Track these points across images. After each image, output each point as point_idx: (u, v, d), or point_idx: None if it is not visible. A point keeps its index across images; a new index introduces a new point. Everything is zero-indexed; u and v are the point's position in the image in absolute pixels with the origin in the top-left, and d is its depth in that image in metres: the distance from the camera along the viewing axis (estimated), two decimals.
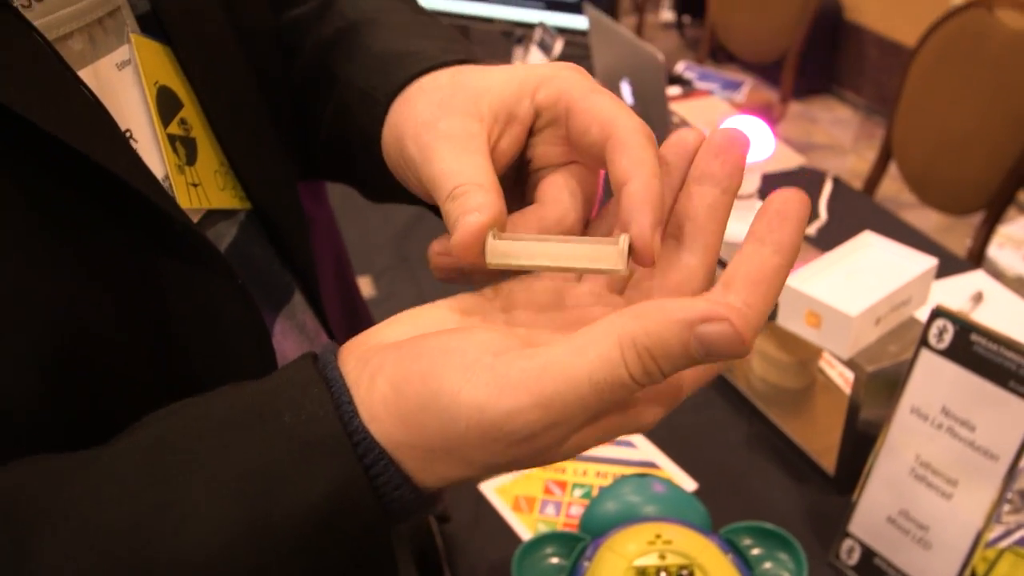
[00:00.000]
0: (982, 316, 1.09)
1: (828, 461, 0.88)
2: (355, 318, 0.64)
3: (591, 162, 0.37)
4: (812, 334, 0.80)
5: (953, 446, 0.70)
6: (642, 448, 0.93)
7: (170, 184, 0.40)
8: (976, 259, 1.75)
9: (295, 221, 0.50)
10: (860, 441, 0.82)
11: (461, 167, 0.35)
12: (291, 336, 0.49)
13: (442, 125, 0.37)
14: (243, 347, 0.41)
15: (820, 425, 0.94)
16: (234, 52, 0.47)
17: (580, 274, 0.36)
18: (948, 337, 0.69)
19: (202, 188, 0.42)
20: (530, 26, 1.72)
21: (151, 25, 0.41)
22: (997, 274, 2.40)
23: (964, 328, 0.68)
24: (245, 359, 0.41)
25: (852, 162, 3.20)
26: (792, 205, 0.30)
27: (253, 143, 0.47)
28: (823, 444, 0.90)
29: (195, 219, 0.41)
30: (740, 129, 0.34)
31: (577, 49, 1.63)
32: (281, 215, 0.48)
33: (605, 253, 0.32)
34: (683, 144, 0.35)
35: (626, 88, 1.47)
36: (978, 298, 1.11)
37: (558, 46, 1.41)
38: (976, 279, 1.17)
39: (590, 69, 1.55)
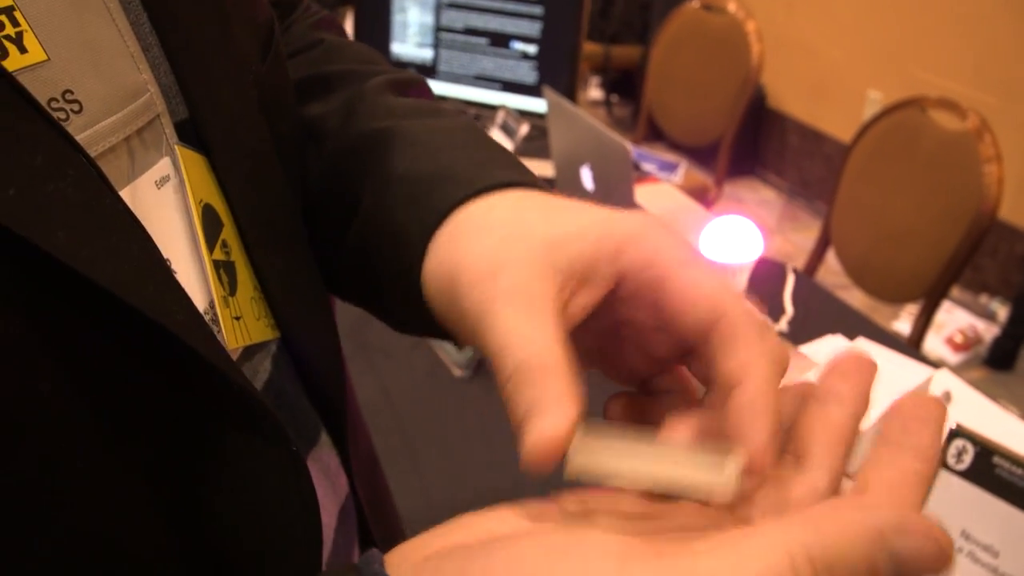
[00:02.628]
0: (953, 416, 1.09)
1: None
2: (357, 446, 0.58)
3: (683, 342, 0.32)
4: None
5: (974, 572, 0.67)
6: None
7: (217, 323, 0.34)
8: (915, 347, 1.79)
9: (330, 351, 0.44)
10: None
11: (528, 336, 0.29)
12: (319, 483, 0.43)
13: (504, 281, 0.31)
14: (290, 521, 0.35)
15: None
16: (272, 162, 0.41)
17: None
18: (968, 459, 0.68)
19: (243, 321, 0.37)
20: (486, 107, 1.70)
21: (187, 133, 0.36)
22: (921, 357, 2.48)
23: (985, 450, 0.67)
24: (290, 530, 0.34)
25: (778, 243, 3.29)
26: (929, 408, 0.27)
27: (288, 264, 0.41)
28: None
29: (235, 358, 0.35)
30: (867, 354, 0.31)
31: (535, 131, 1.62)
32: (315, 345, 0.43)
33: (710, 474, 0.28)
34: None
35: (587, 173, 1.46)
36: (947, 397, 1.12)
37: (523, 129, 1.39)
38: (941, 377, 1.18)
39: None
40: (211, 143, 0.37)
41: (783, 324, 1.27)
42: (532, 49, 1.64)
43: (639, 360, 0.36)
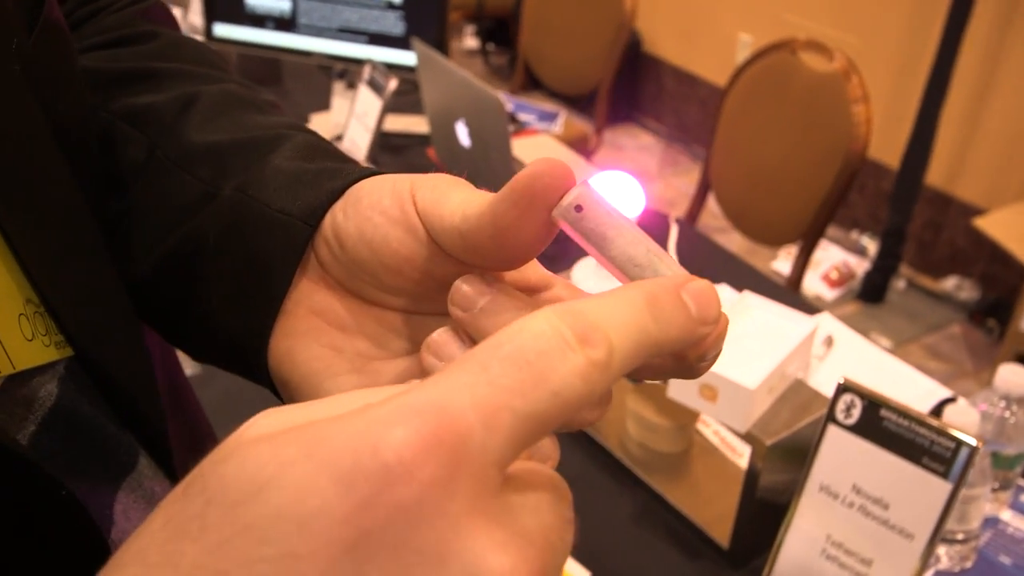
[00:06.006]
0: (835, 360, 1.11)
1: (719, 532, 0.84)
2: (197, 440, 0.52)
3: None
4: (707, 408, 0.76)
5: (866, 525, 0.67)
6: None
7: None
8: (794, 287, 1.83)
9: (136, 365, 0.38)
10: (758, 512, 0.78)
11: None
12: (137, 513, 0.37)
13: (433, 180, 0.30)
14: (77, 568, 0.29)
15: (706, 492, 0.90)
16: (46, 147, 0.34)
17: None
18: (856, 412, 0.67)
19: (1, 346, 0.30)
20: (351, 60, 1.61)
21: None
22: (800, 294, 2.55)
23: (873, 403, 0.66)
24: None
25: (660, 188, 3.32)
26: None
27: (76, 270, 0.34)
28: (712, 514, 0.87)
29: None
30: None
31: (406, 86, 1.54)
32: (116, 360, 0.36)
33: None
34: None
35: (462, 129, 1.40)
36: (829, 342, 1.13)
37: (391, 85, 1.31)
38: (821, 320, 1.19)
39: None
40: None
41: None
42: None
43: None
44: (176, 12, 1.99)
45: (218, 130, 0.38)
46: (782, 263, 2.72)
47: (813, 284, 2.69)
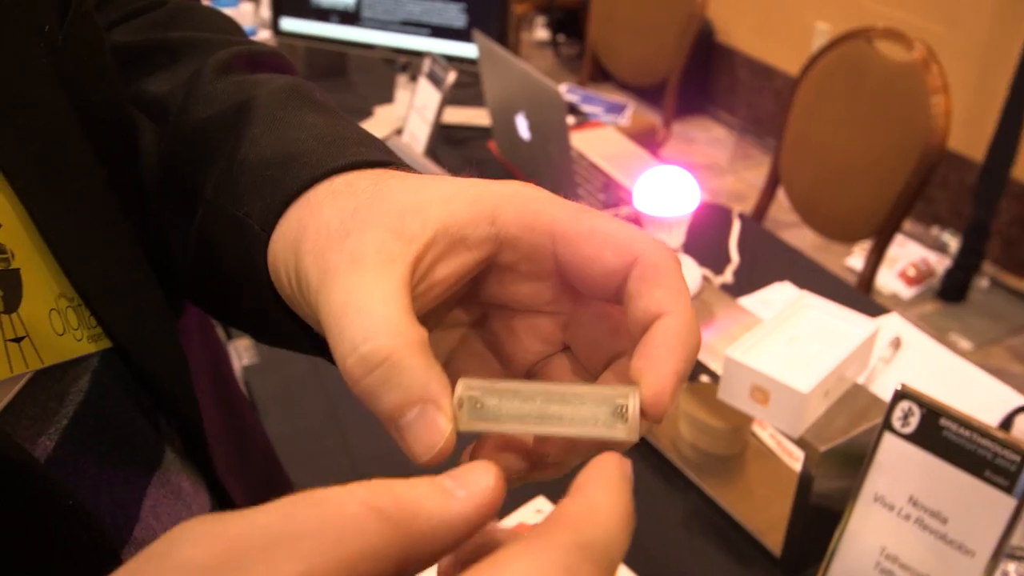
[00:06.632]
0: (902, 364, 1.06)
1: (772, 540, 0.82)
2: (244, 449, 0.52)
3: (598, 295, 0.29)
4: (759, 411, 0.73)
5: (923, 539, 0.64)
6: None
7: None
8: (867, 286, 1.76)
9: (171, 355, 0.38)
10: (811, 520, 0.75)
11: (368, 306, 0.25)
12: (165, 509, 0.37)
13: (351, 242, 0.27)
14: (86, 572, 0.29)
15: (759, 497, 0.87)
16: (76, 141, 0.34)
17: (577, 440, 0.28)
18: (914, 421, 0.63)
19: (29, 341, 0.30)
20: (414, 53, 1.61)
21: None
22: (874, 291, 2.47)
23: (932, 412, 0.62)
24: None
25: (731, 183, 3.25)
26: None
27: (110, 261, 0.35)
28: (765, 520, 0.84)
29: (14, 389, 0.29)
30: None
31: (468, 78, 1.54)
32: (151, 350, 0.37)
33: (609, 417, 0.25)
34: None
35: (522, 122, 1.39)
36: (897, 344, 1.08)
37: (450, 78, 1.31)
38: (890, 321, 1.14)
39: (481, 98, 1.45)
40: None
41: (728, 275, 1.22)
42: None
43: (524, 349, 0.32)
44: (248, 6, 2.03)
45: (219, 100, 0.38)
46: (857, 260, 2.63)
47: (889, 282, 2.60)
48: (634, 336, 0.27)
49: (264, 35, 1.91)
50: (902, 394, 0.64)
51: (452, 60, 1.49)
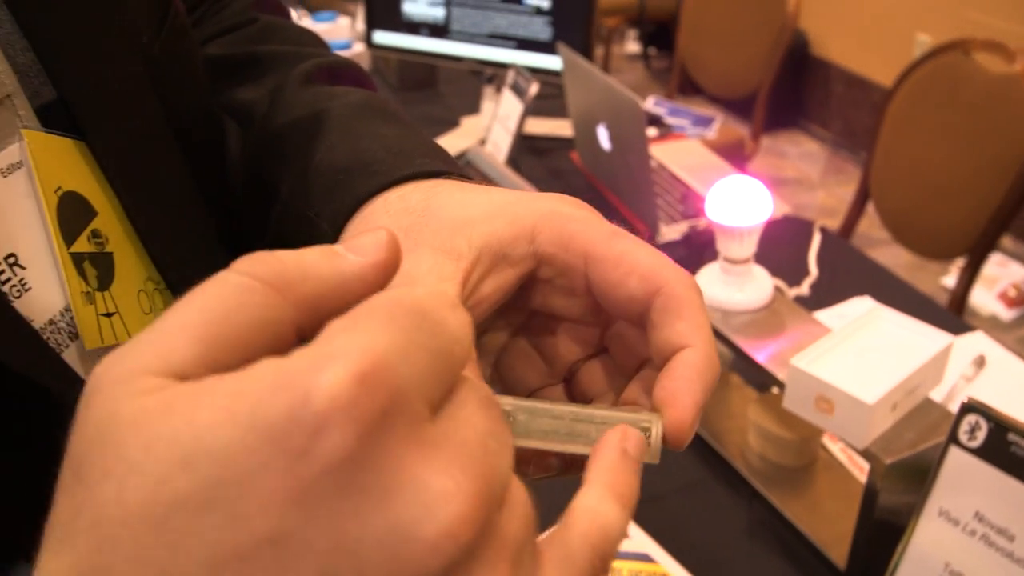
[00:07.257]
0: (986, 383, 1.03)
1: (838, 553, 0.81)
2: None
3: (622, 318, 0.31)
4: (824, 421, 0.73)
5: (989, 556, 0.62)
6: (635, 538, 0.85)
7: (72, 326, 0.31)
8: (959, 305, 1.71)
9: None
10: (876, 534, 0.74)
11: None
12: None
13: (406, 263, 0.29)
14: None
15: (826, 510, 0.86)
16: (166, 142, 0.38)
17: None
18: (981, 435, 0.62)
19: (119, 317, 0.34)
20: (500, 65, 1.65)
21: (57, 116, 0.33)
22: (971, 312, 2.37)
23: (1000, 426, 0.61)
24: None
25: (821, 198, 3.18)
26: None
27: (189, 252, 0.38)
28: (831, 533, 0.83)
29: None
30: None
31: (552, 90, 1.56)
32: None
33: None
34: None
35: (603, 133, 1.41)
36: (980, 363, 1.05)
37: (533, 89, 1.34)
38: (975, 340, 1.11)
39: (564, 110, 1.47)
40: (85, 126, 0.34)
41: (805, 287, 1.21)
42: (546, 4, 1.58)
43: (565, 350, 0.34)
44: (345, 20, 2.12)
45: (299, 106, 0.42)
46: (952, 279, 2.54)
47: (988, 303, 2.49)
48: (655, 363, 0.29)
49: (359, 48, 1.98)
50: (969, 407, 0.63)
51: (536, 72, 1.52)
